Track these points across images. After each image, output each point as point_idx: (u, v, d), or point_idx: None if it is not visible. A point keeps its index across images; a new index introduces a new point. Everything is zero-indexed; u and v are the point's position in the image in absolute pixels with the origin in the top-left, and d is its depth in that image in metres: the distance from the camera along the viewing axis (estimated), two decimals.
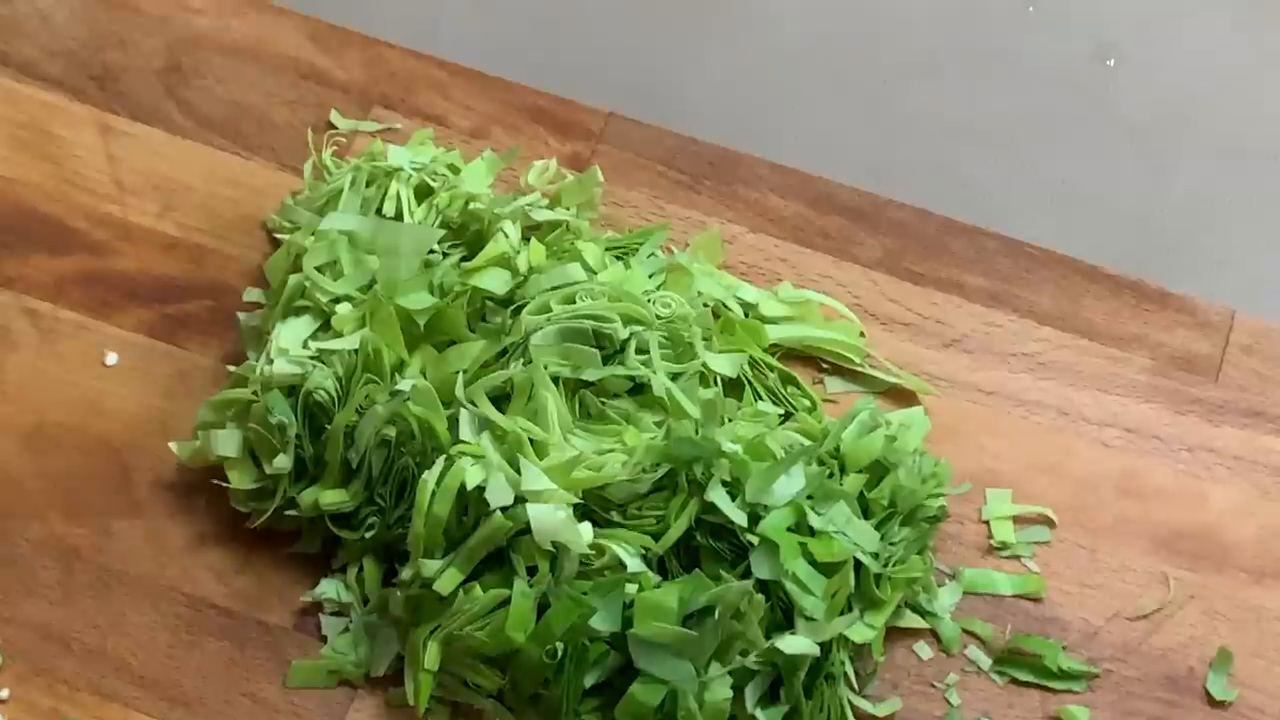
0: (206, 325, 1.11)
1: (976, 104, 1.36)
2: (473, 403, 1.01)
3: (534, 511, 0.97)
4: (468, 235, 1.10)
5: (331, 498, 1.02)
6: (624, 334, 1.04)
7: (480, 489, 0.98)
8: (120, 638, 1.02)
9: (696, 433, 1.02)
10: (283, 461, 1.02)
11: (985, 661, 1.03)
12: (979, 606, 1.05)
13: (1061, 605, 1.05)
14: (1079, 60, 1.34)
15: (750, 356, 1.08)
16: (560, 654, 0.97)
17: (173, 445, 1.06)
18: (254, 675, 1.02)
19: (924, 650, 1.03)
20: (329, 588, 1.03)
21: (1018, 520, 1.07)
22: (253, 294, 1.11)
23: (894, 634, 1.03)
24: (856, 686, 1.01)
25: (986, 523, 1.07)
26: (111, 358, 1.10)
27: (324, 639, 1.02)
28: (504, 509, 0.98)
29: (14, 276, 1.12)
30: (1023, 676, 1.03)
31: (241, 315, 1.10)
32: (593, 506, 1.00)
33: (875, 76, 1.35)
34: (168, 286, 1.12)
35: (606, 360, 1.04)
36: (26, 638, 1.02)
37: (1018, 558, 1.06)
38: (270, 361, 1.04)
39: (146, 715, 1.00)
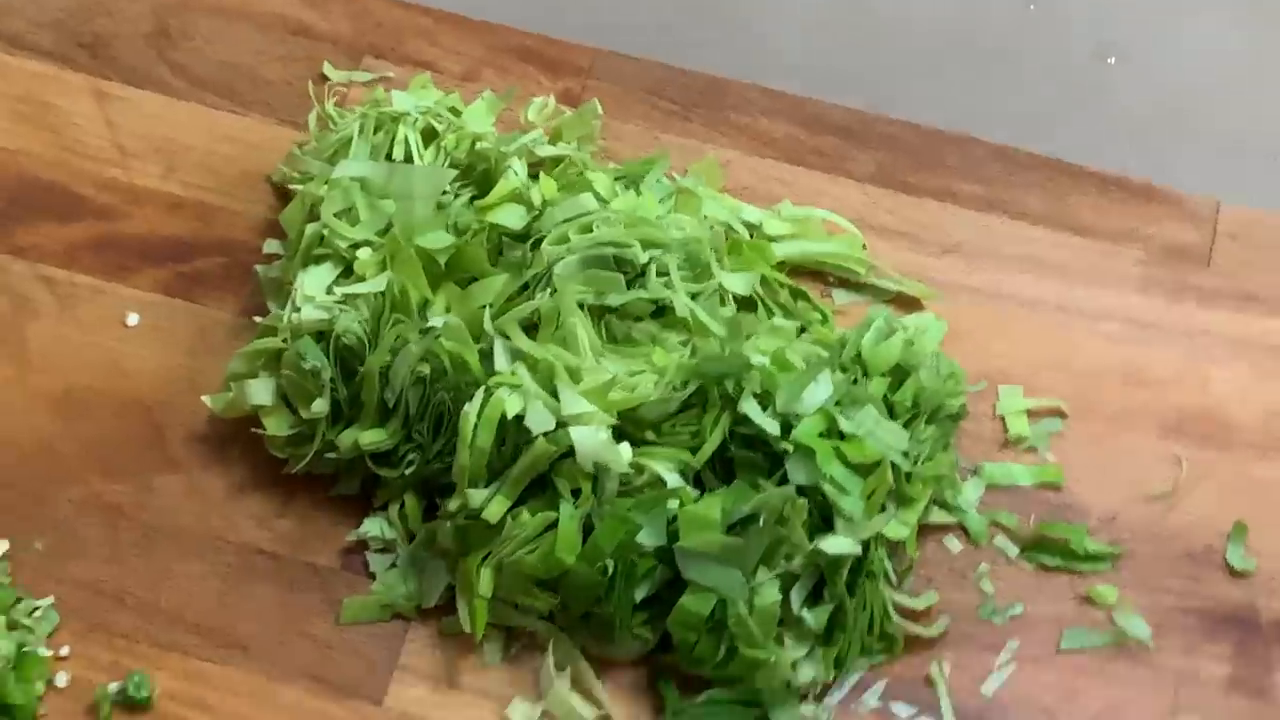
0: (221, 280, 1.13)
1: (976, 104, 1.35)
2: (504, 334, 1.03)
3: (577, 434, 0.99)
4: (475, 174, 1.11)
5: (371, 437, 1.04)
6: (643, 258, 1.06)
7: (519, 417, 1.00)
8: (172, 589, 1.04)
9: (722, 349, 1.04)
10: (320, 405, 1.04)
11: (1013, 550, 1.06)
12: (1002, 499, 1.08)
13: (1079, 493, 1.08)
14: (1079, 59, 1.34)
15: (761, 275, 1.11)
16: (610, 571, 0.99)
17: (206, 398, 1.07)
18: (307, 615, 1.03)
19: (954, 544, 1.06)
20: (373, 526, 1.05)
21: (1030, 414, 1.10)
22: (271, 245, 1.13)
23: (923, 530, 1.06)
24: (896, 582, 1.04)
25: (1001, 418, 1.10)
26: (132, 318, 1.11)
27: (372, 576, 1.04)
28: (545, 434, 1.00)
29: (26, 246, 1.13)
30: (1050, 562, 1.06)
31: (260, 268, 1.11)
32: (626, 427, 1.02)
33: (875, 75, 1.35)
34: (178, 245, 1.14)
35: (628, 285, 1.06)
36: (80, 596, 1.03)
37: (1034, 450, 1.09)
38: (297, 309, 1.05)
39: (206, 661, 1.02)
